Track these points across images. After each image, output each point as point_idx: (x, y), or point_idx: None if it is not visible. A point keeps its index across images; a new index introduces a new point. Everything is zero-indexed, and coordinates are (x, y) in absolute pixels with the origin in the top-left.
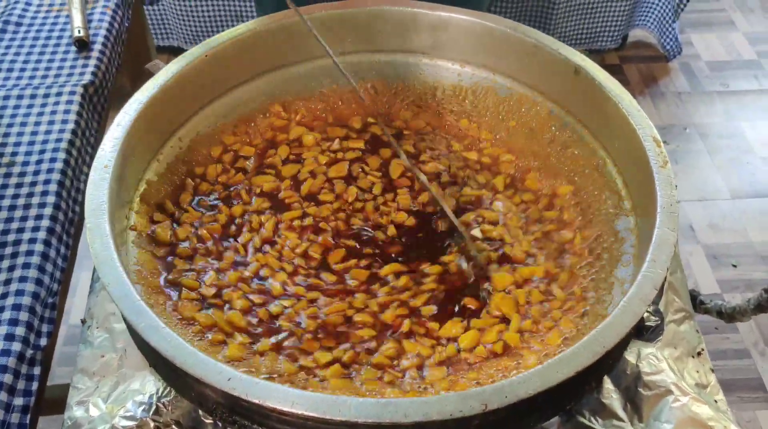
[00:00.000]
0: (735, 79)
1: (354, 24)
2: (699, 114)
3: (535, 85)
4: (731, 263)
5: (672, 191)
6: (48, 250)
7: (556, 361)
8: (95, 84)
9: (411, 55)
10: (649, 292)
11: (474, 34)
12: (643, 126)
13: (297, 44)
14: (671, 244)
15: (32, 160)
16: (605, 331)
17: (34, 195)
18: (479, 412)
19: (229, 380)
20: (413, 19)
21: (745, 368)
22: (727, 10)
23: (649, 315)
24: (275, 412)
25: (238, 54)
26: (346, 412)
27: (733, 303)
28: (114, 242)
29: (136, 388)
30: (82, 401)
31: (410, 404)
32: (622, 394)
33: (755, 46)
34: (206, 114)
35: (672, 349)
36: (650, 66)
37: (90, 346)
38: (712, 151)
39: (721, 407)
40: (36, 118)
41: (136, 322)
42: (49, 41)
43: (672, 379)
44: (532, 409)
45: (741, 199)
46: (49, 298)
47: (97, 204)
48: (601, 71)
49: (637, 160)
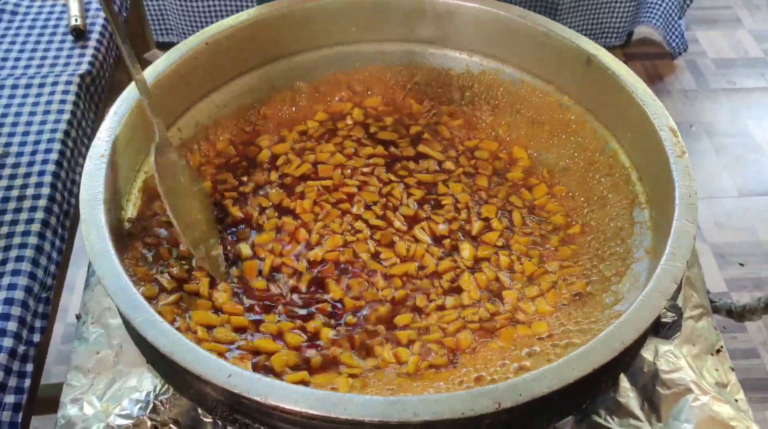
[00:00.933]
0: (741, 77)
1: (359, 12)
2: (705, 112)
3: (545, 75)
4: (738, 262)
5: (690, 182)
6: (42, 242)
7: (572, 357)
8: (92, 74)
9: (417, 44)
10: (668, 286)
11: (482, 22)
12: (659, 115)
13: (299, 33)
14: (691, 236)
15: (27, 151)
16: (623, 326)
17: (29, 186)
18: (492, 410)
19: (230, 377)
20: (420, 6)
21: (754, 368)
22: (733, 7)
23: (666, 311)
24: (277, 410)
25: (238, 43)
26: (352, 411)
27: (742, 301)
28: (110, 233)
29: (133, 386)
30: (76, 399)
31: (419, 402)
32: (639, 392)
33: (762, 44)
34: (206, 104)
35: (690, 346)
36: (656, 63)
37: (85, 343)
38: (719, 148)
39: (741, 407)
40: (31, 107)
41: (132, 316)
42: (45, 30)
43: (691, 378)
44: (547, 407)
45: (747, 197)
46: (43, 293)
47: (92, 194)
48: (615, 60)
49: (652, 150)
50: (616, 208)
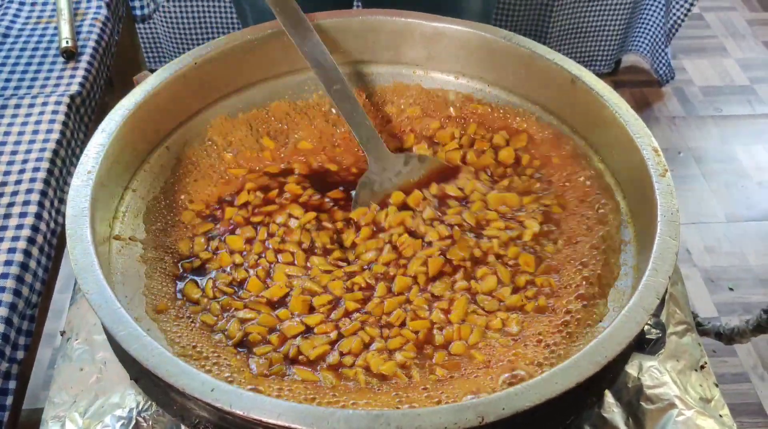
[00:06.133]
0: (728, 104)
1: (347, 34)
2: (693, 138)
3: (531, 95)
4: (728, 286)
5: (672, 200)
6: (28, 260)
7: (556, 372)
8: (82, 95)
9: (404, 66)
10: (651, 301)
11: (469, 44)
12: (641, 135)
13: (288, 54)
14: (673, 253)
15: (14, 170)
16: (606, 341)
17: (15, 204)
18: (475, 425)
19: (212, 391)
20: (407, 29)
21: (744, 393)
22: (718, 37)
23: (650, 327)
24: (261, 425)
25: (228, 62)
26: (335, 425)
27: (731, 324)
28: (95, 249)
29: (116, 402)
30: (58, 416)
31: (402, 416)
32: (624, 408)
33: (747, 72)
34: (195, 123)
35: (674, 361)
36: (644, 91)
37: (68, 360)
38: (707, 174)
39: (726, 422)
40: (20, 127)
41: (115, 330)
42: (36, 52)
43: (675, 393)
44: (531, 423)
45: (737, 223)
46: (28, 310)
47: (78, 210)
48: (598, 81)
49: (635, 169)
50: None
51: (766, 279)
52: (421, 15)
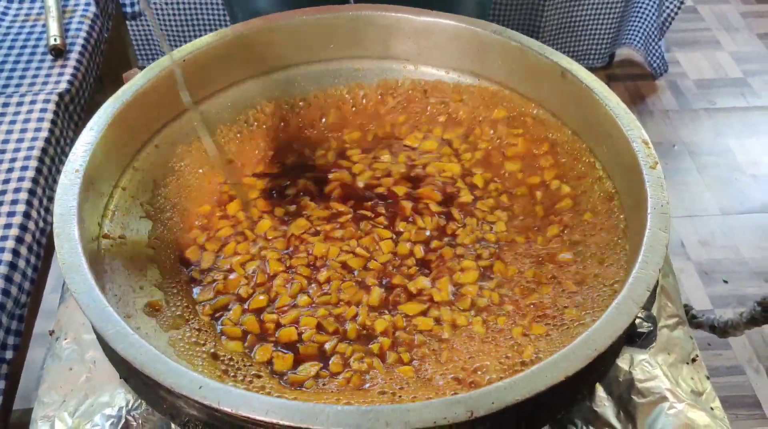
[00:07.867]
0: (722, 97)
1: (336, 30)
2: (687, 131)
3: (521, 89)
4: (722, 279)
5: (662, 192)
6: (17, 259)
7: (545, 365)
8: (71, 92)
9: (395, 61)
10: (641, 293)
11: (459, 39)
12: (631, 127)
13: (276, 51)
14: (663, 245)
15: (2, 169)
16: (596, 333)
17: (4, 203)
18: (464, 419)
19: (201, 388)
20: (397, 24)
21: (739, 385)
22: (712, 30)
23: (642, 320)
24: (250, 422)
25: (215, 60)
26: (323, 421)
27: (725, 317)
28: (83, 248)
29: (105, 401)
30: (47, 416)
31: (392, 411)
32: (615, 401)
33: (741, 65)
34: (184, 121)
35: (666, 355)
36: (638, 84)
37: (58, 359)
38: (701, 168)
39: (717, 415)
40: (8, 126)
41: (104, 329)
42: (24, 50)
43: (666, 386)
44: (521, 417)
45: (731, 216)
46: (17, 310)
47: (66, 209)
48: (588, 74)
49: (626, 161)
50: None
51: (760, 271)
52: (410, 9)
